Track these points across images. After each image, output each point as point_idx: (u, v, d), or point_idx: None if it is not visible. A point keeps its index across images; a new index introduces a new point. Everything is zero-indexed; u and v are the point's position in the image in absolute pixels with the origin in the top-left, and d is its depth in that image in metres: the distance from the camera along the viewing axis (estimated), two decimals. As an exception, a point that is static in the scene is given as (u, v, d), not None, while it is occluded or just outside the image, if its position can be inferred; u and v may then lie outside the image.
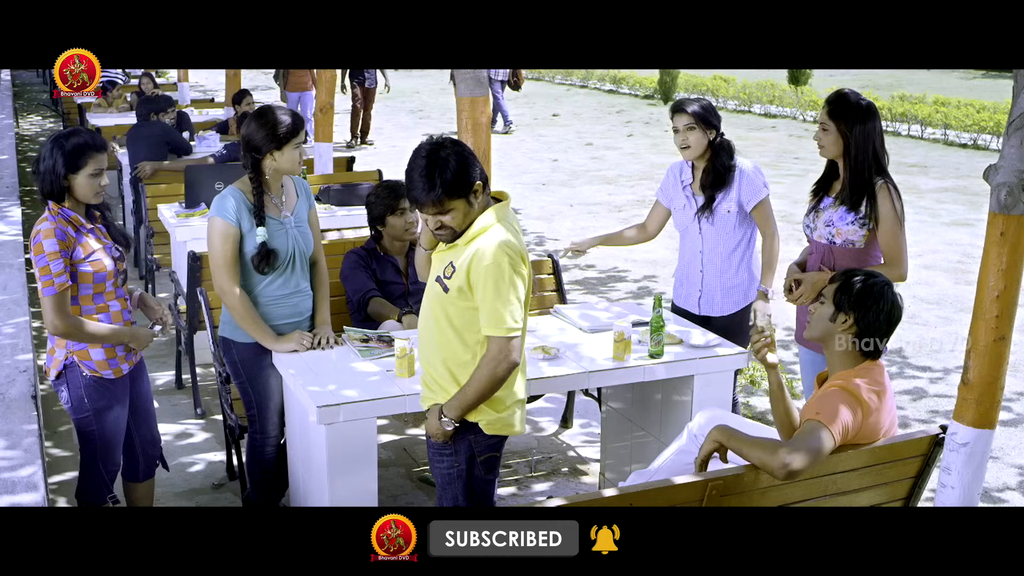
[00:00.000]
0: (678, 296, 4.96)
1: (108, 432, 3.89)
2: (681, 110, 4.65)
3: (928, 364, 6.61)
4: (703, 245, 4.77)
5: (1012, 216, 3.13)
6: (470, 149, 3.27)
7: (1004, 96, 17.29)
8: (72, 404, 3.84)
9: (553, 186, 12.65)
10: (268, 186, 4.08)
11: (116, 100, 12.62)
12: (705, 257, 4.77)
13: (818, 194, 4.21)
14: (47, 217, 3.66)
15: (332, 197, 7.13)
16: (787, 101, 19.69)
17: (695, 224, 4.76)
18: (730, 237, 4.72)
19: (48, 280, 3.60)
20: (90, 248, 3.72)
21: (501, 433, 3.42)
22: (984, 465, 3.40)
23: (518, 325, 3.21)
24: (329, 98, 8.97)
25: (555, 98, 22.55)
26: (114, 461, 3.98)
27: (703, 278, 4.80)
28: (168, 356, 6.36)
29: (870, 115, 4.01)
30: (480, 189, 3.23)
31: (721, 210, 4.67)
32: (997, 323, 3.22)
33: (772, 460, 3.00)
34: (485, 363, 3.23)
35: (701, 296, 4.82)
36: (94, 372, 3.80)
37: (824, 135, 4.07)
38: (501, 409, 3.36)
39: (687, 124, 4.62)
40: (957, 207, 11.29)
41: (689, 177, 4.79)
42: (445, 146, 3.20)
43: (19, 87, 22.15)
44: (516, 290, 3.18)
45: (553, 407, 5.81)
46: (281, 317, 4.17)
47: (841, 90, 4.13)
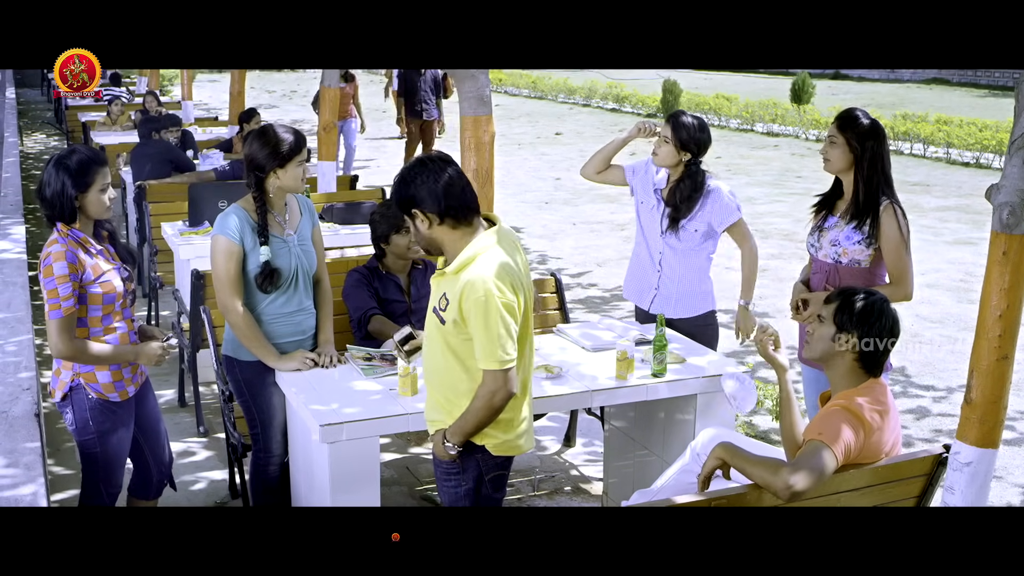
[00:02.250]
0: (629, 290, 5.08)
1: (111, 454, 3.87)
2: (668, 121, 4.76)
3: (931, 383, 6.60)
4: (664, 252, 4.86)
5: (1015, 235, 3.13)
6: (446, 174, 3.21)
7: (1007, 115, 17.33)
8: (77, 426, 3.82)
9: (556, 205, 12.67)
10: (271, 204, 4.09)
11: (120, 118, 12.66)
12: (665, 261, 4.86)
13: (821, 211, 4.22)
14: (57, 239, 3.64)
15: (335, 215, 7.14)
16: (790, 120, 19.73)
17: (658, 226, 4.84)
18: (693, 252, 4.82)
19: (55, 303, 3.59)
20: (100, 269, 3.71)
21: (508, 454, 3.42)
22: (987, 485, 3.39)
23: (510, 356, 3.18)
24: (333, 117, 8.99)
25: (558, 116, 22.62)
26: (116, 483, 3.96)
27: (660, 279, 4.89)
28: (171, 374, 6.36)
29: (880, 134, 4.03)
30: (426, 216, 3.21)
31: (688, 228, 4.77)
32: (1000, 342, 3.22)
33: (775, 480, 2.99)
34: (481, 395, 3.22)
35: (656, 296, 4.91)
36: (100, 395, 3.79)
37: (831, 148, 4.08)
38: (508, 431, 3.36)
39: (664, 136, 4.73)
40: (960, 226, 11.29)
41: (663, 182, 4.87)
42: (415, 163, 3.27)
43: (23, 105, 22.24)
44: (504, 322, 3.15)
45: (556, 426, 5.80)
46: (285, 335, 4.17)
47: (852, 108, 4.16)
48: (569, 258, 10.03)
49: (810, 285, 4.22)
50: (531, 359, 3.46)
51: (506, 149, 16.47)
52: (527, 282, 3.33)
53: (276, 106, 23.44)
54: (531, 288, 3.40)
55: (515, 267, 3.24)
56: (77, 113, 14.70)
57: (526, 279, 3.33)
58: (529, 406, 3.45)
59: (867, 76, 31.97)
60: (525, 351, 3.34)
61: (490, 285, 3.12)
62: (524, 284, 3.28)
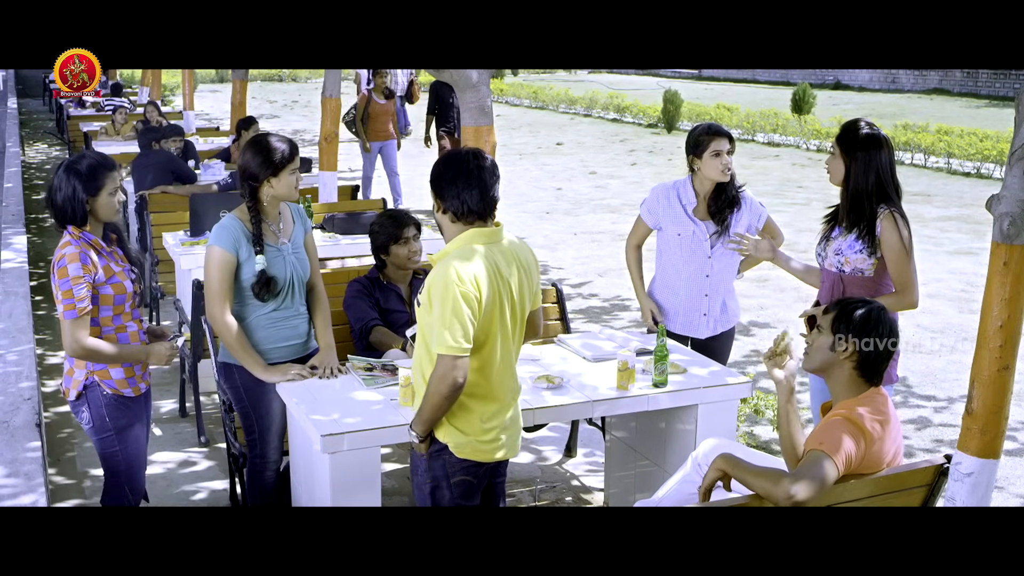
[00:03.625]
0: (675, 323, 4.92)
1: (131, 452, 3.91)
2: (723, 133, 4.74)
3: (932, 393, 6.60)
4: (711, 269, 4.82)
5: (1015, 246, 3.13)
6: (464, 171, 3.36)
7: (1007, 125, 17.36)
8: (94, 424, 3.84)
9: (557, 215, 12.67)
10: (265, 213, 4.10)
11: (123, 127, 12.68)
12: (712, 280, 4.84)
13: (830, 222, 4.24)
14: (70, 241, 3.69)
15: (336, 225, 7.14)
16: (790, 130, 19.76)
17: (704, 248, 4.79)
18: (734, 258, 4.83)
19: (71, 303, 3.64)
20: (111, 271, 3.77)
21: (472, 458, 3.44)
22: (989, 495, 3.38)
23: (458, 344, 3.22)
24: (334, 127, 9.01)
25: (559, 127, 22.65)
26: (140, 484, 3.99)
27: (709, 301, 4.85)
28: (172, 384, 6.36)
29: (875, 144, 4.01)
30: (436, 200, 3.40)
31: (732, 231, 4.76)
32: (1001, 352, 3.21)
33: (776, 490, 2.99)
34: (432, 380, 3.30)
35: (707, 317, 4.87)
36: (115, 391, 3.83)
37: (832, 160, 4.12)
38: (468, 432, 3.40)
39: (729, 148, 4.72)
40: (961, 236, 11.29)
41: (692, 201, 4.80)
42: (454, 153, 3.45)
43: (25, 115, 22.29)
44: (458, 310, 3.21)
45: (557, 436, 5.79)
46: (281, 339, 4.19)
47: (856, 119, 4.16)
48: (570, 268, 10.03)
49: (819, 296, 4.23)
50: (507, 366, 3.48)
51: (507, 159, 16.49)
52: (517, 289, 3.39)
53: (278, 116, 23.48)
54: (525, 297, 3.45)
55: (490, 267, 3.30)
56: (79, 123, 14.73)
57: (519, 287, 3.40)
58: (502, 413, 3.47)
59: (868, 86, 32.02)
60: (495, 354, 3.38)
61: (452, 273, 3.22)
62: (506, 288, 3.35)
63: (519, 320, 3.45)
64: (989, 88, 28.97)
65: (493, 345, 3.37)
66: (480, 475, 3.51)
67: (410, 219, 4.90)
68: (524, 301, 3.45)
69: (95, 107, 16.70)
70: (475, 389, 3.37)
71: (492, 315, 3.32)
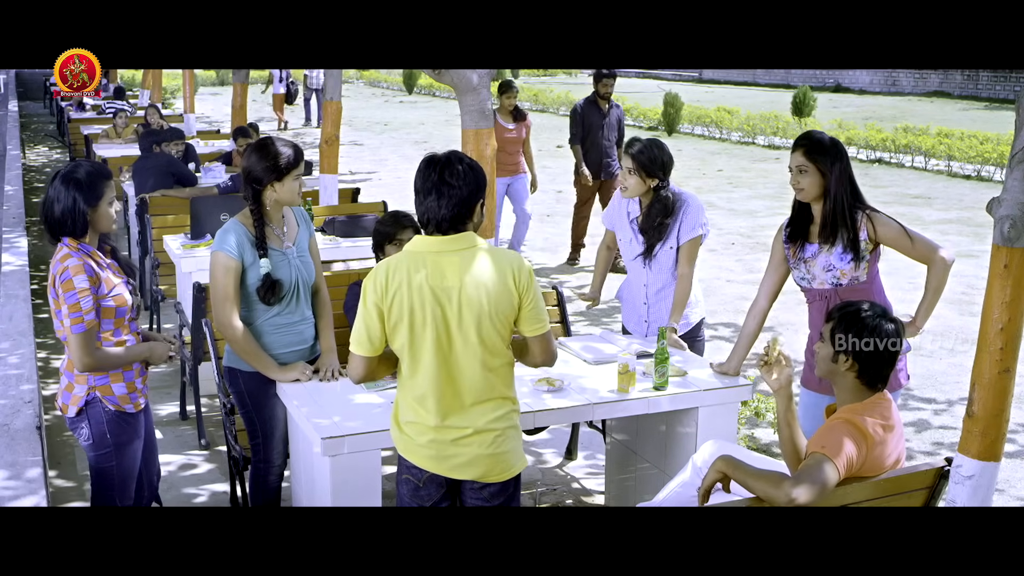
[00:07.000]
0: (627, 319, 5.16)
1: (125, 468, 3.86)
2: (628, 152, 4.76)
3: (932, 396, 6.59)
4: (648, 279, 4.92)
5: (1016, 249, 3.13)
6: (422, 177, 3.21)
7: (1007, 127, 17.36)
8: (94, 440, 3.77)
9: (557, 217, 12.68)
10: (269, 217, 4.10)
11: (124, 130, 12.70)
12: (650, 290, 4.93)
13: (796, 241, 4.13)
14: (70, 253, 3.60)
15: (337, 228, 7.14)
16: (791, 133, 19.74)
17: (639, 260, 4.90)
18: (673, 271, 4.86)
19: (78, 317, 3.57)
20: (112, 283, 3.71)
21: (408, 458, 3.29)
22: (989, 498, 3.38)
23: (355, 344, 3.26)
24: (335, 131, 9.01)
25: (559, 130, 22.62)
26: (130, 496, 3.94)
27: (648, 309, 4.96)
28: (172, 387, 6.36)
29: (841, 150, 4.00)
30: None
31: (664, 248, 4.83)
32: (1001, 355, 3.22)
33: (777, 493, 2.99)
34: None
35: (648, 325, 4.98)
36: (117, 407, 3.77)
37: (803, 177, 3.99)
38: (397, 430, 3.33)
39: (628, 167, 4.75)
40: (961, 239, 11.29)
41: (636, 211, 4.90)
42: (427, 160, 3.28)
43: (26, 118, 22.31)
44: (362, 311, 3.23)
45: (558, 439, 5.79)
46: (286, 345, 4.19)
47: (810, 132, 4.13)
48: (571, 271, 10.03)
49: (809, 319, 4.17)
50: (451, 385, 3.22)
51: (508, 162, 16.46)
52: (456, 304, 3.15)
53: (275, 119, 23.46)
54: (474, 313, 3.16)
55: (406, 276, 3.15)
56: (79, 126, 14.74)
57: (461, 302, 3.15)
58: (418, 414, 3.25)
59: (868, 89, 32.05)
60: (419, 366, 3.20)
61: (367, 281, 3.24)
62: (428, 300, 3.14)
63: (467, 337, 3.17)
64: (989, 91, 29.00)
65: (415, 354, 3.19)
66: (425, 480, 3.28)
67: (411, 222, 4.90)
68: (473, 317, 3.15)
69: (96, 110, 16.72)
70: (408, 393, 3.27)
71: (401, 325, 3.17)
